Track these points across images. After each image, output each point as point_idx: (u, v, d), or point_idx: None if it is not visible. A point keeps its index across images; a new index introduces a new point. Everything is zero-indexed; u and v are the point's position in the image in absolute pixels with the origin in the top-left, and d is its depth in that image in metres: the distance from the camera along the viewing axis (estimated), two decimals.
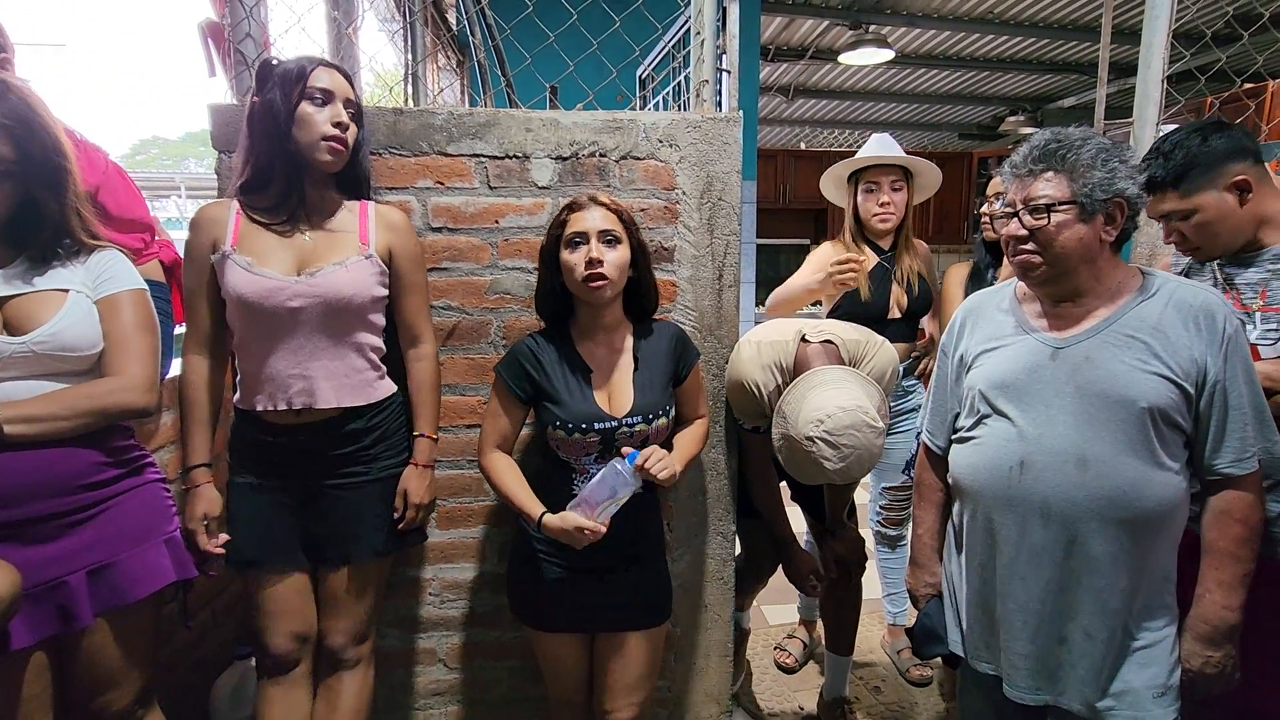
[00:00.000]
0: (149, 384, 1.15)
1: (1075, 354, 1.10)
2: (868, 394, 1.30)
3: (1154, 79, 1.61)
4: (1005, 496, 1.13)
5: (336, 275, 1.25)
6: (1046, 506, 1.09)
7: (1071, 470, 1.07)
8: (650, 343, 1.35)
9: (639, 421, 1.28)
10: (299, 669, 1.34)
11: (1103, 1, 2.05)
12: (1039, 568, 1.11)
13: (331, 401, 1.26)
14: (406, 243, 1.34)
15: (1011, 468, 1.12)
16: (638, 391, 1.29)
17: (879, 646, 2.33)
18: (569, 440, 1.26)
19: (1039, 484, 1.09)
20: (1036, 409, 1.11)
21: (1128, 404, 1.05)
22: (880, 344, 1.47)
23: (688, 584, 1.65)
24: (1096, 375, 1.07)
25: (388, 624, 1.60)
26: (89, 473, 1.10)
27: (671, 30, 2.39)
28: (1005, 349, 1.17)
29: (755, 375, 1.45)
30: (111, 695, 1.16)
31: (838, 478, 1.29)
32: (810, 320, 1.52)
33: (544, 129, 1.50)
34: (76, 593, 1.07)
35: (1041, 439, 1.10)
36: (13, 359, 1.04)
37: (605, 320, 1.32)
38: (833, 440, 1.24)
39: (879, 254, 1.96)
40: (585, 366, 1.30)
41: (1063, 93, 6.64)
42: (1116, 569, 1.07)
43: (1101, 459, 1.06)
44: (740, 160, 1.55)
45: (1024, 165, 1.11)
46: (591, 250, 1.23)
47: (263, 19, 1.50)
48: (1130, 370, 1.06)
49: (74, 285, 1.12)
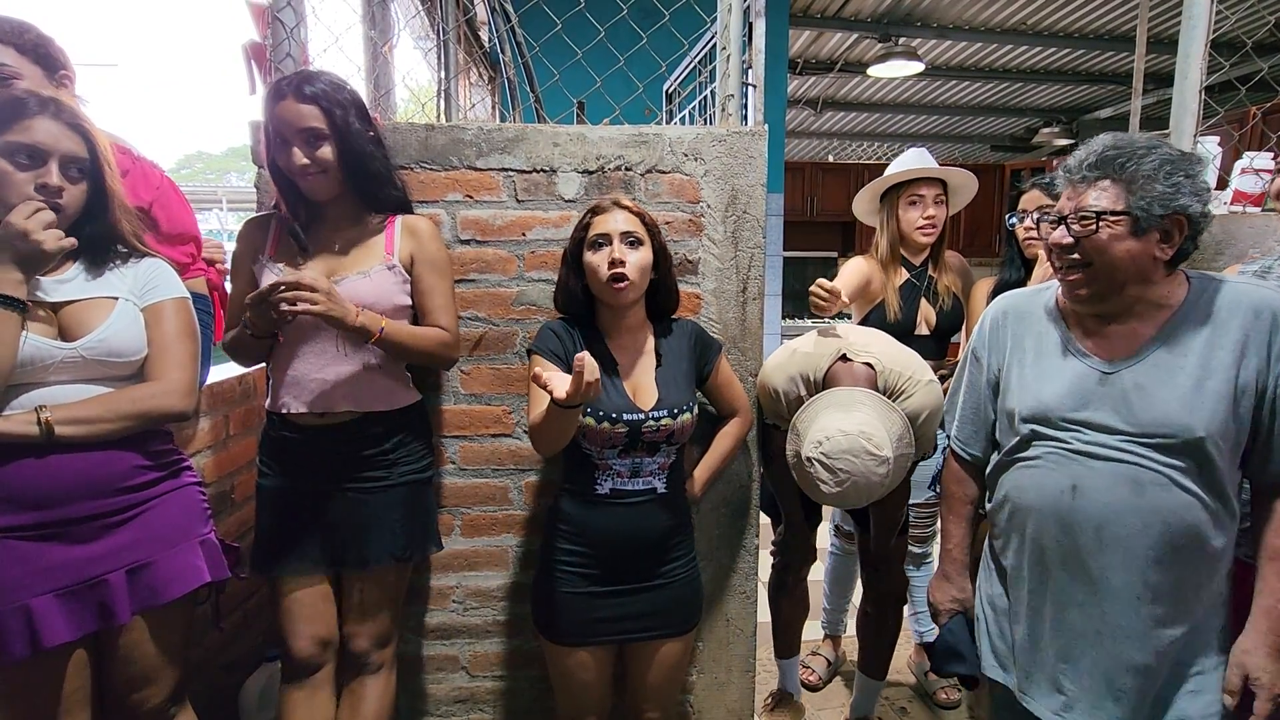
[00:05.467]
0: (189, 389, 1.19)
1: (1125, 381, 1.04)
2: (884, 420, 1.25)
3: (1191, 89, 1.58)
4: (1058, 521, 1.07)
5: (359, 284, 1.28)
6: (1101, 531, 1.04)
7: (1126, 494, 1.02)
8: (670, 341, 1.37)
9: (665, 416, 1.29)
10: (322, 673, 1.36)
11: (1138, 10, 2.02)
12: (1094, 595, 1.06)
13: (350, 406, 1.30)
14: (426, 246, 1.34)
15: (1063, 491, 1.07)
16: (661, 387, 1.31)
17: (905, 666, 2.28)
18: (597, 429, 1.26)
19: (1092, 507, 1.04)
20: (1086, 433, 1.06)
21: (1185, 432, 1.00)
22: (926, 383, 1.40)
23: (710, 598, 1.64)
24: (1148, 404, 1.02)
25: (411, 630, 1.62)
26: (130, 475, 1.14)
27: (698, 45, 2.41)
28: (1049, 368, 1.12)
29: (780, 382, 1.46)
30: (146, 692, 1.19)
31: (835, 502, 1.28)
32: (862, 337, 1.46)
33: (571, 143, 1.52)
34: (116, 591, 1.11)
35: (1093, 462, 1.05)
36: (64, 363, 1.09)
37: (628, 321, 1.34)
38: (829, 464, 1.22)
39: (910, 270, 1.93)
40: (613, 360, 1.32)
41: (1099, 104, 6.51)
42: (1173, 596, 1.02)
43: (1156, 484, 1.01)
44: (765, 174, 1.55)
45: (1078, 171, 1.03)
46: (614, 251, 1.25)
47: (303, 39, 1.56)
48: (1184, 397, 1.00)
49: (122, 293, 1.17)
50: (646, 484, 1.31)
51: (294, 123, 1.22)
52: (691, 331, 1.40)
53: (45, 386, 1.08)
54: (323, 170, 1.25)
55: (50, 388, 1.09)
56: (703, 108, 2.41)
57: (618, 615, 1.31)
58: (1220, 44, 1.53)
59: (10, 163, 1.05)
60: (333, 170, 1.26)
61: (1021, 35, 4.87)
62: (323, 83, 1.24)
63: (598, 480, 1.30)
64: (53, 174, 1.07)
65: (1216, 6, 1.56)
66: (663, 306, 1.38)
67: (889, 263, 1.92)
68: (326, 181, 1.27)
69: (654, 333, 1.37)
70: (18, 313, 1.05)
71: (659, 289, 1.35)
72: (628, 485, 1.30)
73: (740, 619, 1.67)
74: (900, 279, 1.91)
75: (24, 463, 1.05)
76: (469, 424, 1.58)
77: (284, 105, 1.21)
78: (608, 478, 1.30)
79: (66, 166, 1.09)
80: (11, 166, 1.05)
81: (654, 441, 1.30)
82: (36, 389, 1.08)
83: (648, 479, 1.31)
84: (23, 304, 1.05)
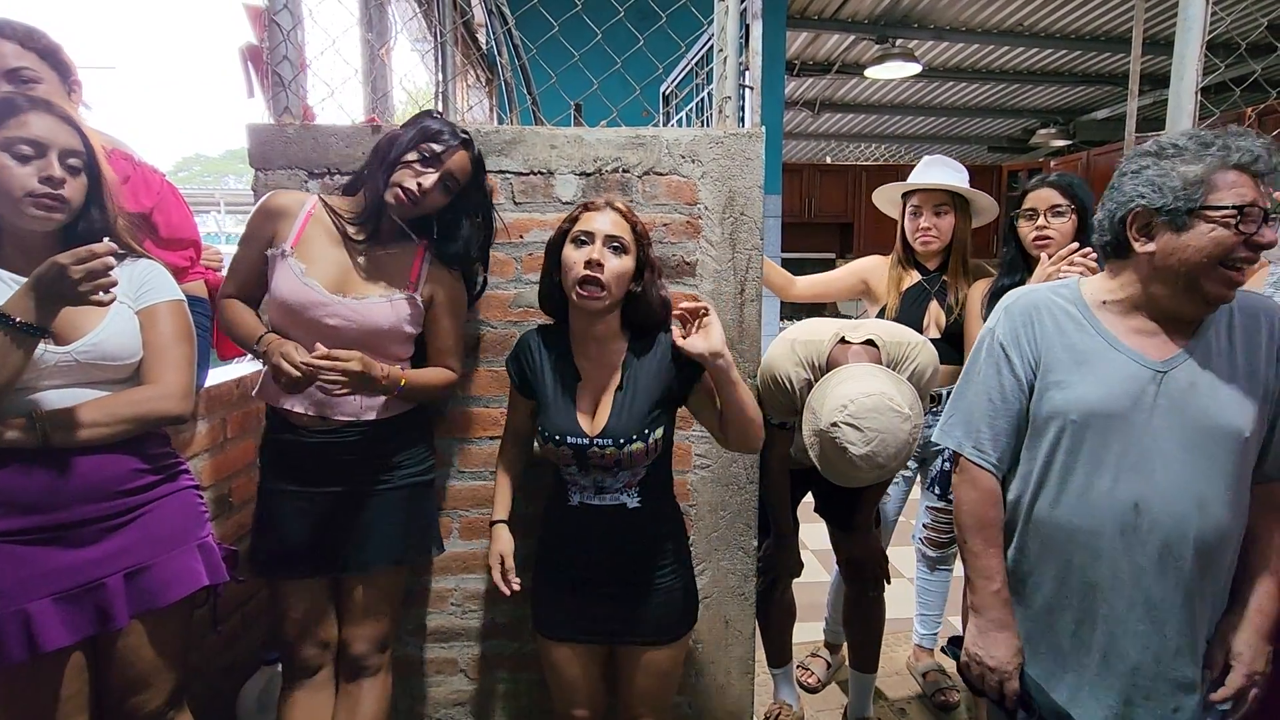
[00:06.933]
0: (186, 392, 1.18)
1: (1180, 379, 1.00)
2: (899, 389, 1.28)
3: (1187, 91, 1.58)
4: (1120, 543, 1.00)
5: (380, 308, 1.28)
6: (1166, 552, 0.98)
7: (1193, 513, 0.98)
8: (644, 360, 1.27)
9: (609, 445, 1.21)
10: (322, 674, 1.36)
11: (1134, 11, 2.02)
12: (1157, 622, 1.00)
13: (350, 414, 1.29)
14: (449, 287, 1.37)
15: (1126, 511, 1.00)
16: (614, 413, 1.23)
17: (905, 668, 2.28)
18: (545, 448, 1.27)
19: (1157, 528, 0.98)
20: (1144, 440, 0.99)
21: (1235, 435, 0.97)
22: (921, 344, 1.45)
23: (709, 600, 1.63)
24: (1205, 405, 0.98)
25: (409, 633, 1.62)
26: (127, 478, 1.14)
27: (695, 47, 2.42)
28: (1096, 369, 1.03)
29: (788, 370, 1.46)
30: (144, 696, 1.18)
31: (865, 465, 1.25)
32: (850, 321, 1.52)
33: (568, 146, 1.52)
34: (114, 595, 1.11)
35: (1155, 477, 0.99)
36: (57, 367, 1.09)
37: (597, 331, 1.26)
38: (856, 423, 1.23)
39: (924, 274, 1.96)
40: (575, 374, 1.28)
41: (1095, 105, 6.53)
42: (1213, 611, 1.02)
43: (1216, 498, 0.98)
44: (762, 175, 1.56)
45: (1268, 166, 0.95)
46: (594, 252, 1.18)
47: (300, 41, 1.56)
48: (1233, 396, 0.98)
49: (116, 296, 1.16)
50: (615, 499, 1.26)
51: (451, 166, 1.28)
52: (669, 346, 1.26)
53: (39, 391, 1.08)
54: (426, 199, 1.27)
55: (44, 392, 1.08)
56: (700, 109, 2.42)
57: (601, 616, 1.30)
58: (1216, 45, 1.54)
59: (11, 156, 1.04)
60: (427, 207, 1.29)
61: (1018, 37, 4.89)
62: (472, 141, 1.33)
63: (569, 492, 1.28)
64: (54, 166, 1.07)
65: (1212, 8, 1.57)
66: (642, 322, 1.28)
67: (898, 264, 1.99)
68: (415, 211, 1.29)
69: (628, 349, 1.28)
70: (35, 338, 1.03)
71: (638, 302, 1.25)
72: (594, 500, 1.26)
73: (739, 621, 1.67)
74: (910, 281, 1.96)
75: (20, 467, 1.05)
76: (467, 427, 1.58)
77: (446, 149, 1.27)
78: (576, 492, 1.28)
79: (65, 159, 1.09)
80: (13, 160, 1.04)
81: (605, 465, 1.24)
82: (31, 393, 1.07)
83: (615, 495, 1.26)
84: (41, 331, 1.03)
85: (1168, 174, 0.97)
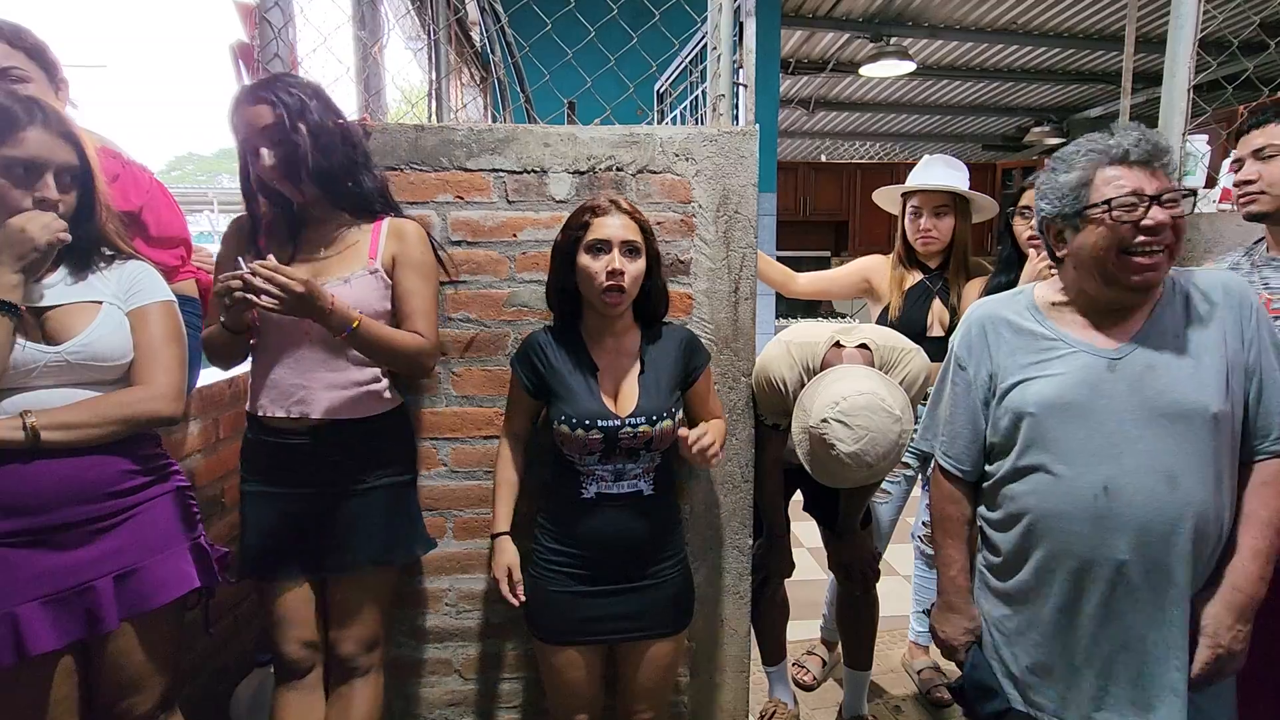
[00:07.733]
0: (176, 393, 1.18)
1: (1135, 363, 1.03)
2: (890, 391, 1.29)
3: (1179, 88, 1.59)
4: (1093, 527, 1.02)
5: (339, 290, 1.25)
6: (1144, 533, 1.00)
7: (1163, 489, 1.00)
8: (658, 346, 1.35)
9: (642, 422, 1.27)
10: (312, 675, 1.36)
11: (1127, 10, 2.03)
12: (1137, 603, 1.02)
13: (327, 414, 1.28)
14: (410, 249, 1.31)
15: (1096, 495, 1.02)
16: (642, 392, 1.30)
17: (900, 665, 2.28)
18: (573, 436, 1.27)
19: (1131, 509, 1.00)
20: (1108, 426, 1.02)
21: (1200, 411, 1.00)
22: (914, 351, 1.47)
23: (703, 598, 1.63)
24: (1164, 385, 1.01)
25: (403, 634, 1.61)
26: (117, 480, 1.13)
27: (689, 45, 2.41)
28: (1051, 365, 1.08)
29: (783, 372, 1.47)
30: (135, 699, 1.18)
31: (853, 464, 1.26)
32: (845, 325, 1.54)
33: (561, 144, 1.52)
34: (103, 597, 1.10)
35: (1122, 458, 1.01)
36: (47, 368, 1.08)
37: (615, 326, 1.33)
38: (846, 420, 1.24)
39: (925, 273, 1.97)
40: (593, 365, 1.31)
41: (1089, 103, 6.56)
42: (1191, 591, 1.02)
43: (1189, 474, 1.00)
44: (756, 173, 1.55)
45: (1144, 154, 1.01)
46: (614, 261, 1.23)
47: (291, 39, 1.55)
48: (1192, 373, 1.01)
49: (106, 297, 1.16)
50: (632, 486, 1.30)
51: (253, 124, 1.21)
52: (682, 339, 1.38)
53: (30, 391, 1.07)
54: (275, 170, 1.23)
55: (35, 392, 1.08)
56: (694, 108, 2.41)
57: (606, 615, 1.31)
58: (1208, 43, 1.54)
59: (8, 178, 1.04)
60: (286, 173, 1.23)
61: (1012, 35, 4.90)
62: (277, 82, 1.23)
63: (583, 486, 1.29)
64: (50, 188, 1.07)
65: (1204, 6, 1.57)
66: (652, 311, 1.36)
67: (900, 264, 2.01)
68: (287, 185, 1.25)
69: (642, 336, 1.36)
70: (11, 317, 1.03)
71: (649, 293, 1.33)
72: (612, 489, 1.29)
73: (734, 619, 1.66)
74: (912, 281, 1.98)
75: (9, 468, 1.04)
76: (461, 426, 1.57)
77: (242, 111, 1.21)
78: (592, 483, 1.29)
79: (59, 176, 1.09)
80: (9, 182, 1.05)
81: (633, 448, 1.28)
82: (20, 394, 1.07)
83: (633, 481, 1.30)
84: (16, 309, 1.04)
85: (1054, 184, 1.07)
